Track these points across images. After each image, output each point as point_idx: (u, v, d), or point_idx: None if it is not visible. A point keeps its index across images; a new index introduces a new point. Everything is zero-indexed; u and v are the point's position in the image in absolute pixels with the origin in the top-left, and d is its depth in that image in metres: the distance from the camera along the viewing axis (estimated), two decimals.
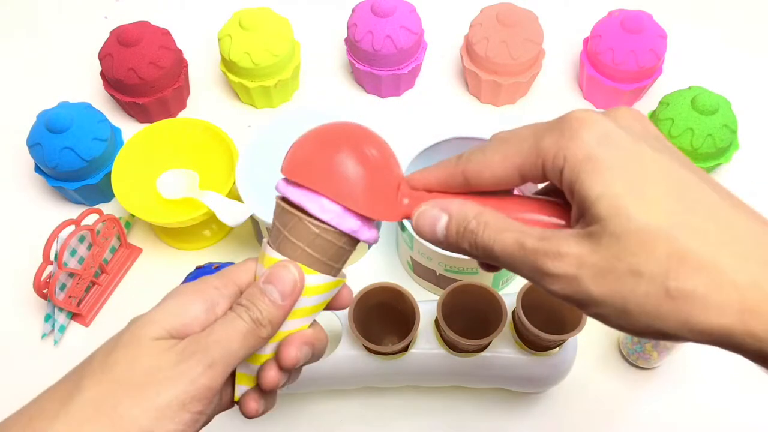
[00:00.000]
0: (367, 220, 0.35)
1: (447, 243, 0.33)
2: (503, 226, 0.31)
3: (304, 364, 0.38)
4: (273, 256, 0.35)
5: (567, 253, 0.29)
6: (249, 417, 0.37)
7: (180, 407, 0.32)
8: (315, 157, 0.34)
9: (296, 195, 0.34)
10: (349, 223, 0.34)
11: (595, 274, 0.28)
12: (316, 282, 0.35)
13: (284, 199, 0.35)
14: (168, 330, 0.34)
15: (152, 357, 0.33)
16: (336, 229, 0.34)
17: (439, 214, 0.33)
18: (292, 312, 0.36)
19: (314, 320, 0.38)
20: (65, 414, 0.31)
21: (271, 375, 0.36)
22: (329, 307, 0.38)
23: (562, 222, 0.32)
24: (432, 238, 0.34)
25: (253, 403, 0.37)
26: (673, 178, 0.28)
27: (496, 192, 0.33)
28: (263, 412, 0.38)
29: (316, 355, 0.38)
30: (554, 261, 0.29)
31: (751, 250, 0.27)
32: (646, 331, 0.28)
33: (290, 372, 0.37)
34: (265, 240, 0.37)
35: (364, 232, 0.35)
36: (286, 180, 0.35)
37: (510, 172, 0.32)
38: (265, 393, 0.37)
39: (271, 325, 0.35)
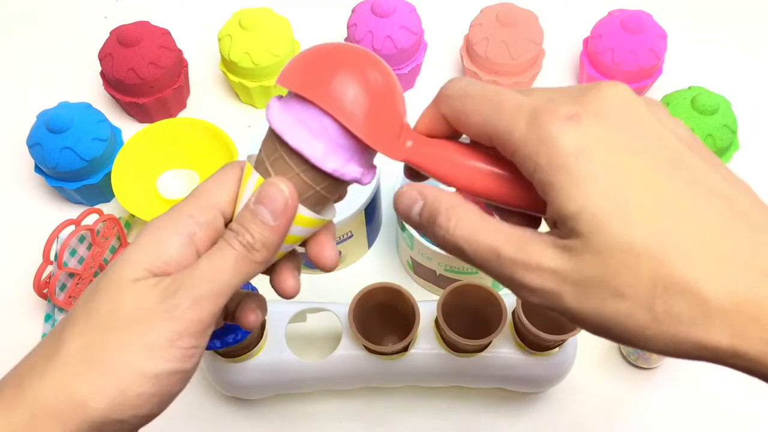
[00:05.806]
0: (360, 158, 0.32)
1: (421, 228, 0.32)
2: (477, 226, 0.29)
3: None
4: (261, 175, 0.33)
5: (546, 268, 0.27)
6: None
7: (169, 344, 0.31)
8: (316, 67, 0.31)
9: (278, 122, 0.32)
10: (332, 164, 0.31)
11: (576, 291, 0.27)
12: (303, 213, 0.33)
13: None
14: (148, 269, 0.32)
15: (134, 299, 0.31)
16: (317, 167, 0.32)
17: (416, 197, 0.32)
18: None
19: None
20: (53, 370, 0.30)
21: None
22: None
23: (543, 214, 0.30)
24: (408, 220, 0.32)
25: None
26: (660, 186, 0.26)
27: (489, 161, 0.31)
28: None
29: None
30: (532, 274, 0.27)
31: (738, 269, 0.25)
32: (628, 345, 0.27)
33: None
34: (247, 156, 0.35)
35: (350, 169, 0.32)
36: (278, 102, 0.33)
37: (485, 139, 0.30)
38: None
39: (265, 248, 0.33)
